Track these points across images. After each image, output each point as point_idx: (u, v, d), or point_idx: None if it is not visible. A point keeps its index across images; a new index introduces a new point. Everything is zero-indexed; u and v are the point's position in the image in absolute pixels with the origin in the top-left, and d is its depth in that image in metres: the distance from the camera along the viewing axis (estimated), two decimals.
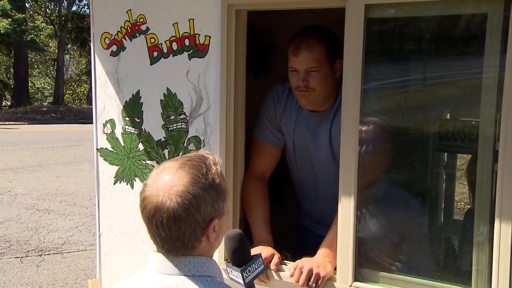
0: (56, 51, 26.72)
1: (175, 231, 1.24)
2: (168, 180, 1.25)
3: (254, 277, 1.55)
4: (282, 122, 2.29)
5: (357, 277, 1.95)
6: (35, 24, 25.44)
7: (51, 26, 26.44)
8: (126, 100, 2.38)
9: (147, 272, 1.32)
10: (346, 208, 1.92)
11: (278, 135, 2.31)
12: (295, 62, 2.08)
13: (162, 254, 1.30)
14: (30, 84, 27.57)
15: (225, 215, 1.32)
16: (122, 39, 2.35)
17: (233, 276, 1.58)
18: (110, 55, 2.39)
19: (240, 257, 1.51)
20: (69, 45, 28.49)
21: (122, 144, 2.42)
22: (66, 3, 26.37)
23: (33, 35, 23.50)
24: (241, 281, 1.54)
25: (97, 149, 2.50)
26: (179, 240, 1.25)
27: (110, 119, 2.44)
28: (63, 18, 25.56)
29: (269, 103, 2.30)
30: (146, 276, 1.31)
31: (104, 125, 2.46)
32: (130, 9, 2.31)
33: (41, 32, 26.12)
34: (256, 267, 1.55)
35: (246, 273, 1.51)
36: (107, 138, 2.46)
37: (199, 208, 1.24)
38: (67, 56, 30.51)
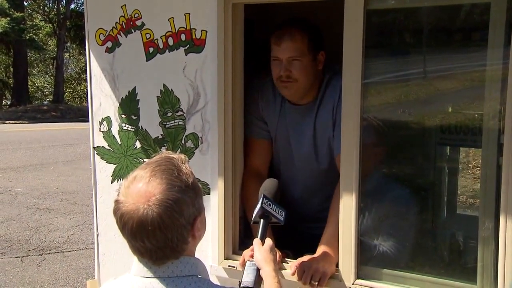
0: (55, 49, 26.63)
1: (163, 240, 1.21)
2: (144, 191, 1.21)
3: (268, 213, 1.75)
4: (265, 114, 2.28)
5: (360, 275, 1.92)
6: (34, 23, 25.38)
7: (50, 25, 26.32)
8: (122, 97, 2.34)
9: (129, 276, 1.29)
10: (348, 206, 1.89)
11: (265, 127, 2.29)
12: (278, 51, 2.07)
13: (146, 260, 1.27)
14: (30, 83, 27.50)
15: (203, 209, 1.31)
16: (117, 35, 2.31)
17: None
18: (105, 52, 2.35)
19: (273, 196, 1.82)
20: (68, 43, 28.40)
21: (119, 142, 2.39)
22: (64, 1, 26.29)
23: (32, 34, 23.44)
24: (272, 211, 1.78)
25: (94, 147, 2.46)
26: (168, 248, 1.23)
27: (106, 117, 2.40)
28: (61, 16, 25.44)
29: (252, 97, 2.29)
30: (129, 279, 1.29)
31: (101, 123, 2.43)
32: (125, 4, 2.27)
33: (40, 31, 26.04)
34: (276, 213, 1.77)
35: (266, 204, 1.76)
36: (103, 136, 2.43)
37: (182, 212, 1.22)
38: (66, 54, 30.40)
